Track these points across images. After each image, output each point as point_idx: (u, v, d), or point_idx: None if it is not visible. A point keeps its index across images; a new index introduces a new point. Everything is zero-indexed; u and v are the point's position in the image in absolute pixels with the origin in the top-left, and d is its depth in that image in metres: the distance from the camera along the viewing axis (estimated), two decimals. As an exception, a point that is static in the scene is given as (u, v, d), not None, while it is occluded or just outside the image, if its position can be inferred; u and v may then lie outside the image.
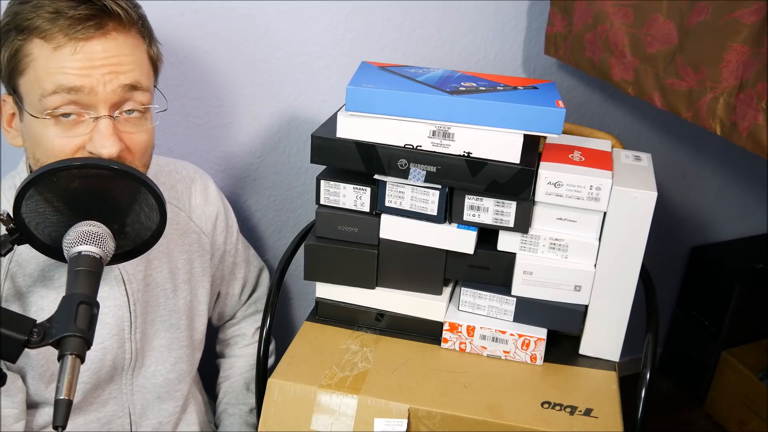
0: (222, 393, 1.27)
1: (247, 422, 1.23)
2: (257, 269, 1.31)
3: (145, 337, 1.05)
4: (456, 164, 0.98)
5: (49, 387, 0.98)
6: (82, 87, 0.82)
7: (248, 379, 1.26)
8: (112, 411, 1.05)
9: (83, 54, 0.82)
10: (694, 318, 2.07)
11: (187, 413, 1.17)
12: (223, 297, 1.25)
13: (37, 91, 0.82)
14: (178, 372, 1.10)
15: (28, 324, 0.70)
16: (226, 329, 1.31)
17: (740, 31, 1.06)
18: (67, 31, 0.81)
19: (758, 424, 1.90)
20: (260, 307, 1.31)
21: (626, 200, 0.98)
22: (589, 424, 0.95)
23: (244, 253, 1.26)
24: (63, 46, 0.81)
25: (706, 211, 2.04)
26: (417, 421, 0.97)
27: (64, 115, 0.83)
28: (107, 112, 0.84)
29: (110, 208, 0.83)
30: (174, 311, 1.08)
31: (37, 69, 0.82)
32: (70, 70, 0.82)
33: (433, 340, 1.10)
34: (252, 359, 1.28)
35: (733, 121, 1.10)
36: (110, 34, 0.84)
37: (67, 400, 0.66)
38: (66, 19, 0.81)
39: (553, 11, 1.47)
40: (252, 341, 1.30)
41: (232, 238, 1.20)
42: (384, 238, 1.06)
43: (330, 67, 1.41)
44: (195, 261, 1.11)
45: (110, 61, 0.84)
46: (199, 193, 1.13)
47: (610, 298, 1.04)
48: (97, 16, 0.83)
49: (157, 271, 1.05)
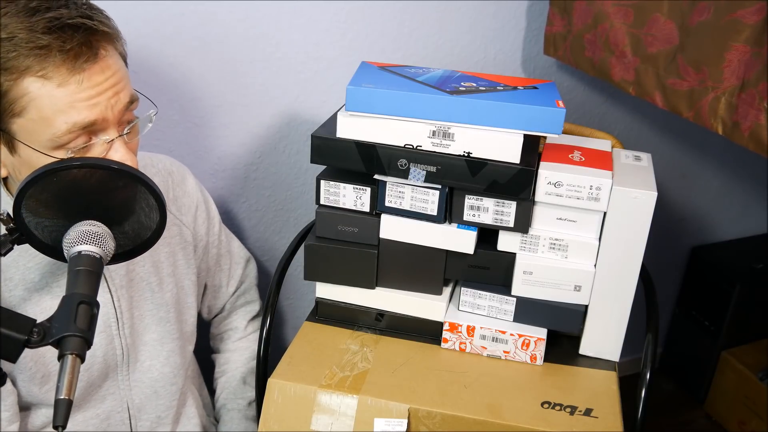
0: (219, 388, 1.27)
1: (246, 416, 1.24)
2: (243, 260, 1.30)
3: (135, 333, 1.05)
4: (456, 164, 0.98)
5: (44, 388, 0.98)
6: (95, 121, 0.82)
7: (244, 373, 1.27)
8: (111, 407, 1.06)
9: (88, 84, 0.81)
10: (694, 318, 2.07)
11: (186, 407, 1.18)
12: (210, 289, 1.25)
13: (46, 131, 0.81)
14: (172, 365, 1.11)
15: (28, 324, 0.70)
16: (218, 323, 1.31)
17: (742, 31, 1.06)
18: (68, 66, 0.79)
19: (758, 424, 1.90)
20: (249, 299, 1.32)
21: (626, 200, 0.98)
22: (589, 424, 0.95)
23: (228, 244, 1.26)
24: (68, 81, 0.80)
25: (706, 211, 2.04)
26: (417, 421, 0.97)
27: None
28: (118, 132, 0.86)
29: (110, 207, 0.83)
30: (162, 305, 1.08)
31: (42, 108, 0.80)
32: (80, 105, 0.81)
33: (433, 340, 1.10)
34: (247, 352, 1.29)
35: (734, 120, 1.10)
36: (101, 55, 0.83)
37: (67, 399, 0.66)
38: (62, 54, 0.79)
39: (553, 11, 1.47)
40: (245, 334, 1.30)
41: (214, 228, 1.20)
42: (384, 238, 1.06)
43: (330, 67, 1.41)
44: (178, 253, 1.11)
45: (110, 83, 0.84)
46: (178, 185, 1.13)
47: (610, 298, 1.04)
48: (88, 42, 0.81)
49: (140, 266, 1.05)
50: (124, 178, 0.82)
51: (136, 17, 1.23)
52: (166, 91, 1.31)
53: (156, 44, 1.26)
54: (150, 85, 1.28)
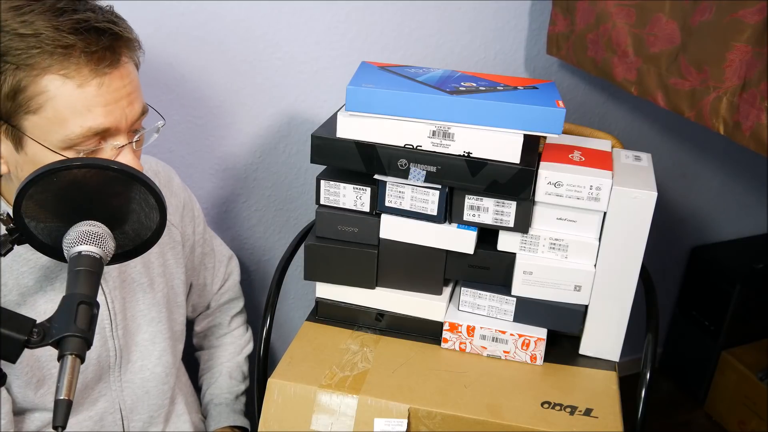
0: (206, 385, 1.28)
1: (234, 410, 1.24)
2: (226, 258, 1.31)
3: (127, 333, 1.05)
4: (456, 164, 0.98)
5: (39, 392, 0.98)
6: (109, 128, 0.83)
7: (230, 368, 1.27)
8: (103, 408, 1.06)
9: (106, 88, 0.82)
10: (694, 318, 2.07)
11: (176, 405, 1.18)
12: (195, 288, 1.25)
13: (60, 131, 0.81)
14: (164, 365, 1.11)
15: (28, 324, 0.70)
16: (201, 321, 1.31)
17: (743, 31, 1.06)
18: (90, 68, 0.80)
19: (758, 424, 1.90)
20: (233, 296, 1.32)
21: (626, 200, 0.98)
22: (589, 424, 0.95)
23: (212, 243, 1.26)
24: (88, 82, 0.80)
25: (706, 211, 2.04)
26: (417, 421, 0.96)
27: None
28: (127, 139, 0.87)
29: (110, 207, 0.83)
30: (153, 305, 1.08)
31: (58, 108, 0.80)
32: (96, 109, 0.81)
33: (433, 340, 1.10)
34: (231, 347, 1.29)
35: (736, 120, 1.10)
36: (122, 61, 0.84)
37: (67, 400, 0.66)
38: (86, 56, 0.79)
39: (555, 11, 1.47)
40: (228, 330, 1.31)
41: (199, 227, 1.21)
42: (384, 238, 1.06)
43: (330, 67, 1.41)
44: (167, 253, 1.12)
45: (127, 90, 0.85)
46: (165, 186, 1.13)
47: (610, 298, 1.04)
48: (112, 47, 0.82)
49: (131, 267, 1.05)
50: (124, 178, 0.82)
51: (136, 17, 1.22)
52: (166, 91, 1.31)
53: (156, 44, 1.26)
54: (150, 85, 1.28)
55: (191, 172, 1.40)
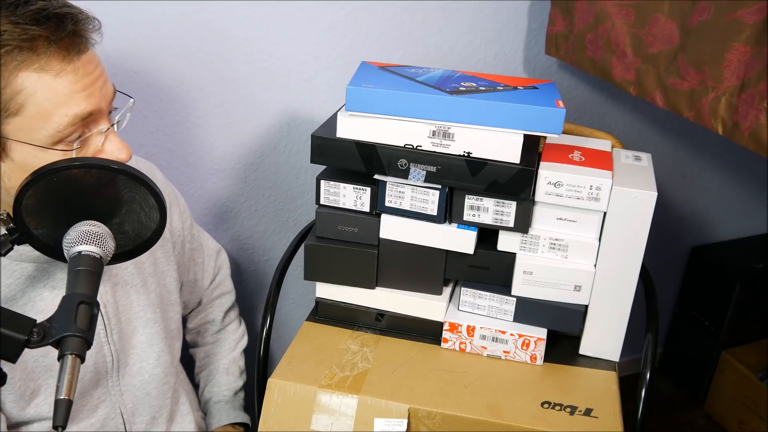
0: (203, 382, 1.27)
1: (233, 406, 1.24)
2: (215, 252, 1.30)
3: (123, 337, 1.04)
4: (456, 164, 0.98)
5: (33, 402, 0.97)
6: (92, 111, 0.82)
7: (226, 364, 1.27)
8: (104, 414, 1.05)
9: (83, 72, 0.80)
10: (694, 318, 2.07)
11: (180, 404, 1.17)
12: (186, 284, 1.24)
13: (46, 127, 0.79)
14: (163, 365, 1.10)
15: (28, 324, 0.70)
16: (194, 318, 1.31)
17: (742, 31, 1.06)
18: (62, 56, 0.78)
19: (758, 424, 1.90)
20: (224, 290, 1.32)
21: (626, 200, 0.98)
22: (589, 424, 0.95)
23: (200, 238, 1.25)
24: (64, 70, 0.79)
25: (706, 211, 2.04)
26: (417, 421, 0.97)
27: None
28: (109, 122, 0.86)
29: (110, 207, 0.83)
30: (147, 306, 1.07)
31: (40, 103, 0.78)
32: (78, 95, 0.80)
33: (433, 340, 1.10)
34: (226, 344, 1.29)
35: (735, 120, 1.10)
36: (89, 44, 0.83)
37: (67, 399, 0.66)
38: (54, 44, 0.77)
39: (554, 11, 1.47)
40: (222, 326, 1.30)
41: (187, 223, 1.20)
42: (384, 238, 1.06)
43: (330, 67, 1.41)
44: (157, 251, 1.11)
45: (99, 71, 0.84)
46: None
47: (610, 298, 1.04)
48: (76, 31, 0.80)
49: (122, 269, 1.04)
50: (124, 178, 0.82)
51: (136, 17, 1.23)
52: (166, 91, 1.31)
53: (156, 44, 1.26)
54: (151, 85, 1.28)
55: (191, 172, 1.40)
